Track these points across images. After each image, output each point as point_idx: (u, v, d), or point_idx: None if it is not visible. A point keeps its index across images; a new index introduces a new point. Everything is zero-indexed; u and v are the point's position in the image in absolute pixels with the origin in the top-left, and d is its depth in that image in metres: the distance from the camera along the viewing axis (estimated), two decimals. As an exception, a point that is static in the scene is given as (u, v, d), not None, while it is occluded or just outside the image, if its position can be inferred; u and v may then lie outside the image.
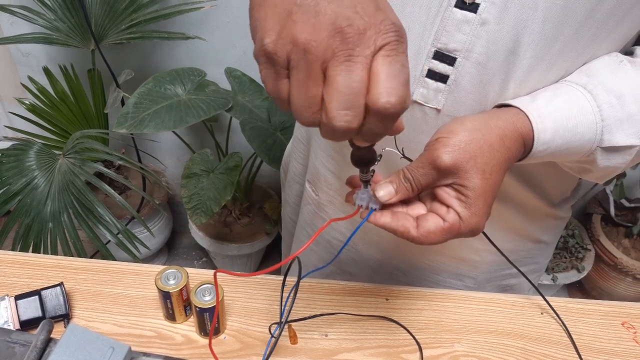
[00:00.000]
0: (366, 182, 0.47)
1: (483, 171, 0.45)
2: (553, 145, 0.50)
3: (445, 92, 0.54)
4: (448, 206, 0.47)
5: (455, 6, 0.50)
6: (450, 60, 0.52)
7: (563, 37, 0.49)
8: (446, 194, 0.47)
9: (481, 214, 0.46)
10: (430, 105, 0.55)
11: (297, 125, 0.85)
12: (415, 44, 0.53)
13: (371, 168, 0.46)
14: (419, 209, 0.49)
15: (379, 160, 0.45)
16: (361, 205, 0.48)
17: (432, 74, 0.54)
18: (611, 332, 0.68)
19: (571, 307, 0.71)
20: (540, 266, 0.81)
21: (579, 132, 0.50)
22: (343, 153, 0.68)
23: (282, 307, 0.59)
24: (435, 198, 0.48)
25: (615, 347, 0.66)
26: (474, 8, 0.49)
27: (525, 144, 0.49)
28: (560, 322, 0.68)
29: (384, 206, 0.48)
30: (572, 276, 1.76)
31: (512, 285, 0.79)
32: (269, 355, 0.57)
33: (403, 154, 0.53)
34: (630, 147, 0.51)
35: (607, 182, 1.69)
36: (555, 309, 0.70)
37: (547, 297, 0.71)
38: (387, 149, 0.53)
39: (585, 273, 1.77)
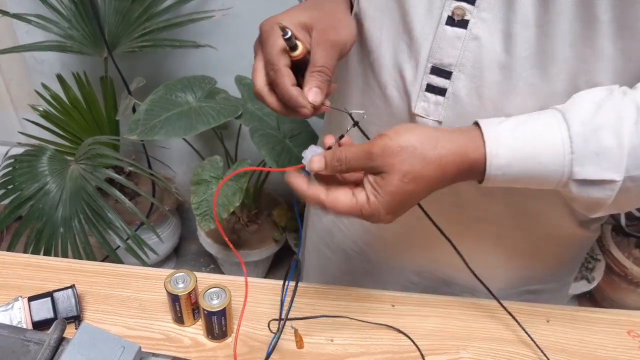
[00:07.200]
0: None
1: (404, 174, 0.48)
2: (510, 171, 0.49)
3: (444, 105, 0.56)
4: (363, 188, 0.50)
5: (446, 24, 0.53)
6: (446, 74, 0.55)
7: (561, 52, 0.49)
8: (366, 178, 0.50)
9: (387, 208, 0.49)
10: (432, 118, 0.57)
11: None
12: (414, 60, 0.57)
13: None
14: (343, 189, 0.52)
15: (353, 127, 0.54)
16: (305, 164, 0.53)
17: (431, 88, 0.56)
18: (617, 340, 0.68)
19: (577, 315, 0.71)
20: (563, 283, 0.81)
21: (541, 162, 0.49)
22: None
23: (282, 305, 0.60)
24: (358, 184, 0.52)
25: (620, 356, 0.66)
26: (464, 24, 0.52)
27: (474, 168, 0.50)
28: (519, 325, 0.66)
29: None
30: (582, 286, 1.74)
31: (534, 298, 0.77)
32: (271, 352, 0.57)
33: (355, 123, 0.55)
34: (610, 182, 0.48)
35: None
36: (561, 317, 0.70)
37: (552, 306, 0.71)
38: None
39: (595, 283, 1.75)
